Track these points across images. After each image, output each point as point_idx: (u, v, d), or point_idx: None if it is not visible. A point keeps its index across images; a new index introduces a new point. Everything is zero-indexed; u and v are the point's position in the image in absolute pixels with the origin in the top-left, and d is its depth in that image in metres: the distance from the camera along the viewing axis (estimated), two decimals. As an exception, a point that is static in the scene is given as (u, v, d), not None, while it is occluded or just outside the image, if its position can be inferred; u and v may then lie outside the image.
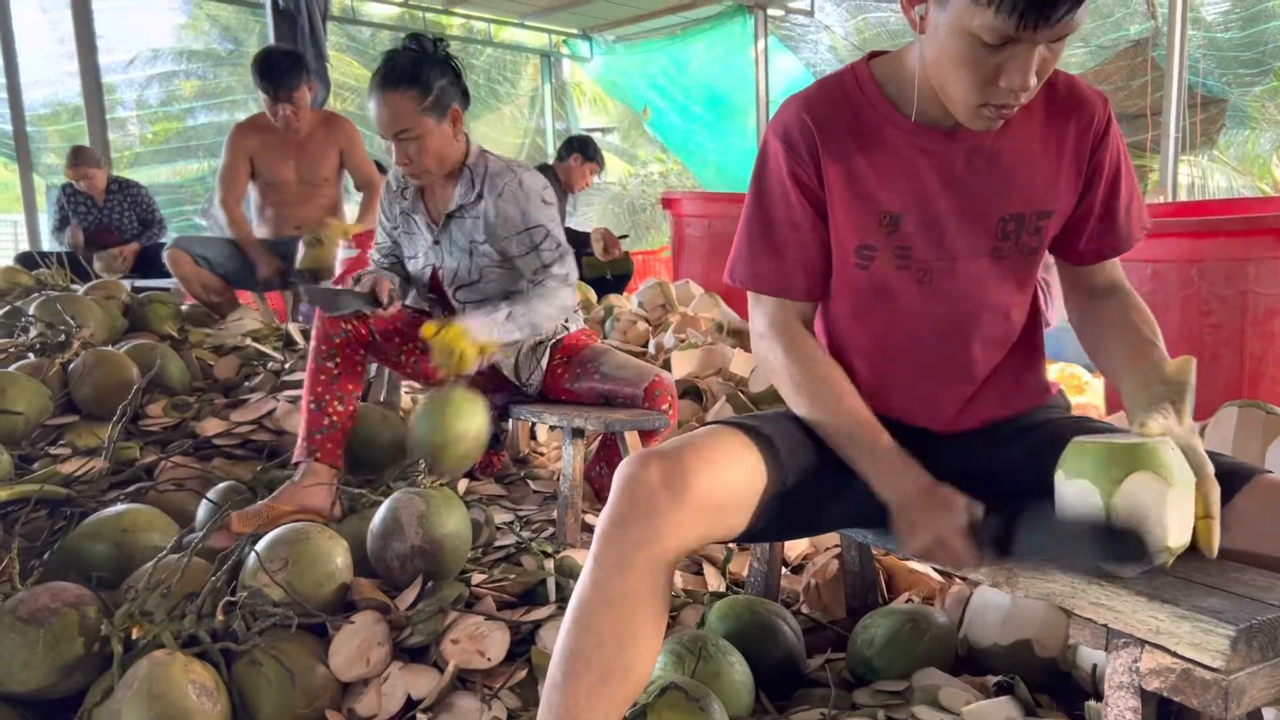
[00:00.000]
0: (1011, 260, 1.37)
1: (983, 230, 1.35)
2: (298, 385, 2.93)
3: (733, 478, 1.26)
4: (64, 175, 5.64)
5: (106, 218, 5.65)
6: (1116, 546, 1.10)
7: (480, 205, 2.36)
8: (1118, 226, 1.41)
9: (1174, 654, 1.04)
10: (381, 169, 5.88)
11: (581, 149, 5.46)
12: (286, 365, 3.17)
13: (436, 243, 2.42)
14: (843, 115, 1.35)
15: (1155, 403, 1.20)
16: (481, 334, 2.18)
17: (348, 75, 10.61)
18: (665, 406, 2.32)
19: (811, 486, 1.34)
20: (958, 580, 1.92)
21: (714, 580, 2.00)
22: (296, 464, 2.22)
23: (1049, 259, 1.53)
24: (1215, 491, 1.14)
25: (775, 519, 1.32)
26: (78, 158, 5.58)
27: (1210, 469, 1.15)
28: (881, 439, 1.31)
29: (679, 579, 1.98)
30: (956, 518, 1.21)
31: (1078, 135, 1.36)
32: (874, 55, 1.40)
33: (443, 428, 2.11)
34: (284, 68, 3.87)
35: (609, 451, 2.58)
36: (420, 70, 2.23)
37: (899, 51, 1.36)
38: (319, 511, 2.09)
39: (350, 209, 4.42)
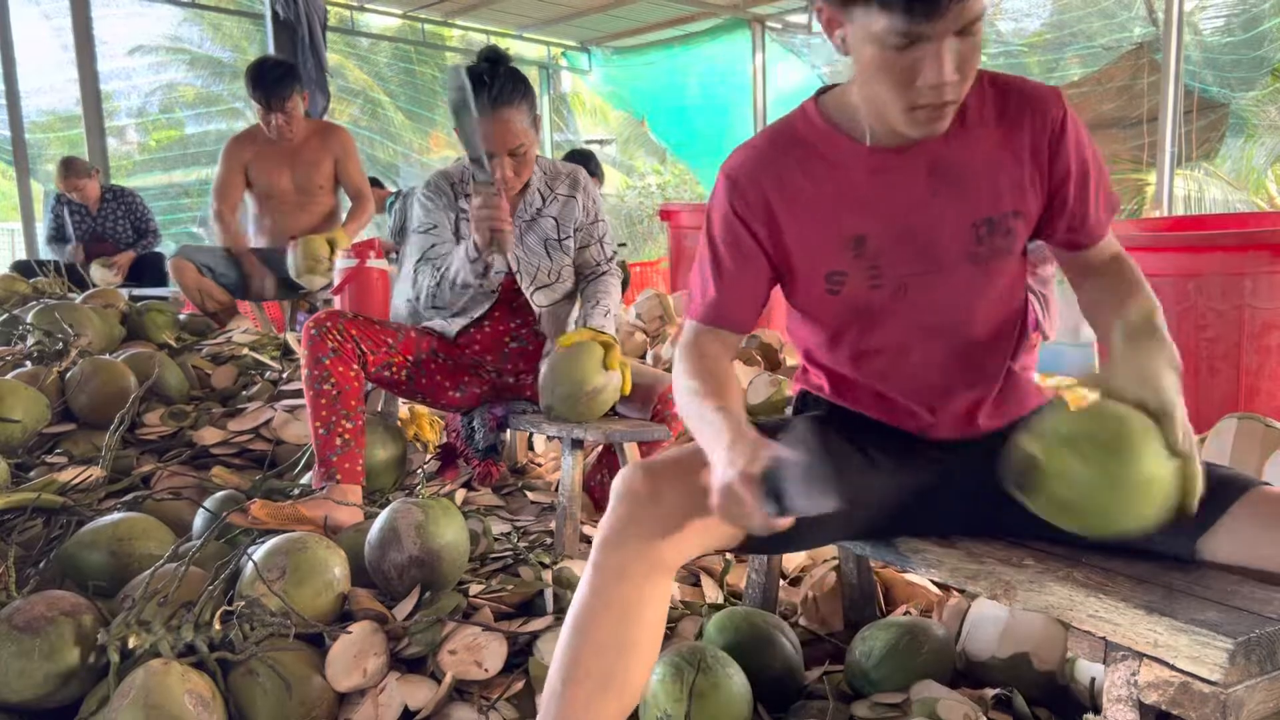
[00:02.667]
0: (988, 264, 1.37)
1: (957, 238, 1.35)
2: (295, 394, 2.93)
3: None
4: (55, 186, 5.65)
5: (101, 226, 5.66)
6: (812, 485, 1.06)
7: (555, 203, 2.45)
8: (1088, 221, 1.40)
9: (1172, 667, 1.04)
10: (377, 184, 5.90)
11: (584, 164, 5.48)
12: (284, 374, 3.17)
13: None
14: (792, 154, 1.38)
15: (1122, 349, 1.19)
16: (610, 331, 2.37)
17: (354, 81, 10.67)
18: (676, 410, 2.34)
19: None
20: (956, 593, 1.91)
21: (712, 592, 2.00)
22: (320, 488, 2.19)
23: (1048, 271, 1.53)
24: (1188, 440, 1.09)
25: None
26: (68, 169, 5.58)
27: (1176, 414, 1.10)
28: (712, 410, 1.25)
29: (677, 590, 1.98)
30: (744, 465, 1.10)
31: (1034, 134, 1.35)
32: (822, 92, 1.42)
33: (578, 378, 2.19)
34: (276, 77, 3.89)
35: (610, 459, 2.58)
36: (524, 85, 2.28)
37: (844, 85, 1.39)
38: (342, 527, 2.07)
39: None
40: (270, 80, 3.89)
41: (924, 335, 1.40)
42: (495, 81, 2.21)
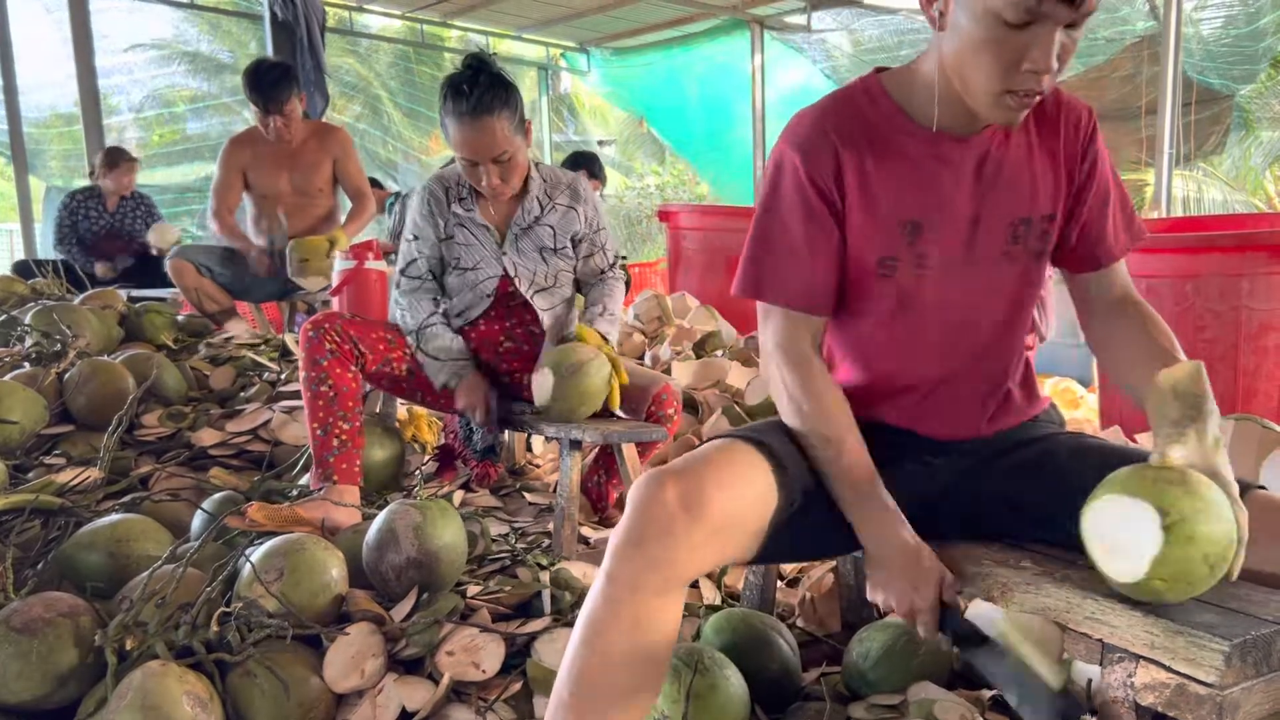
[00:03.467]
0: (1021, 264, 1.39)
1: (996, 234, 1.36)
2: (293, 395, 2.93)
3: (747, 500, 1.25)
4: (98, 177, 5.61)
5: (117, 224, 5.64)
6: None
7: (553, 213, 2.47)
8: (1108, 234, 1.41)
9: (1169, 669, 1.04)
10: (377, 184, 5.91)
11: (587, 165, 5.50)
12: (282, 376, 3.17)
13: (504, 252, 2.43)
14: (857, 125, 1.36)
15: (1173, 425, 1.16)
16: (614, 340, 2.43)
17: (355, 80, 10.69)
18: (671, 410, 2.37)
19: (817, 511, 1.33)
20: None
21: (710, 593, 2.00)
22: (317, 489, 2.20)
23: (1047, 273, 1.53)
24: (1243, 516, 1.10)
25: (782, 542, 1.31)
26: (120, 155, 5.60)
27: (1236, 491, 1.12)
28: (874, 487, 1.31)
29: (674, 592, 1.97)
30: (929, 593, 1.24)
31: (1067, 141, 1.38)
32: (880, 70, 1.41)
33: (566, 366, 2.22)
34: (272, 80, 3.89)
35: (607, 460, 2.58)
36: (506, 92, 2.26)
37: (908, 65, 1.38)
38: (339, 528, 2.06)
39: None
40: (267, 83, 3.88)
41: (947, 328, 1.39)
42: (475, 90, 2.21)
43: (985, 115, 1.26)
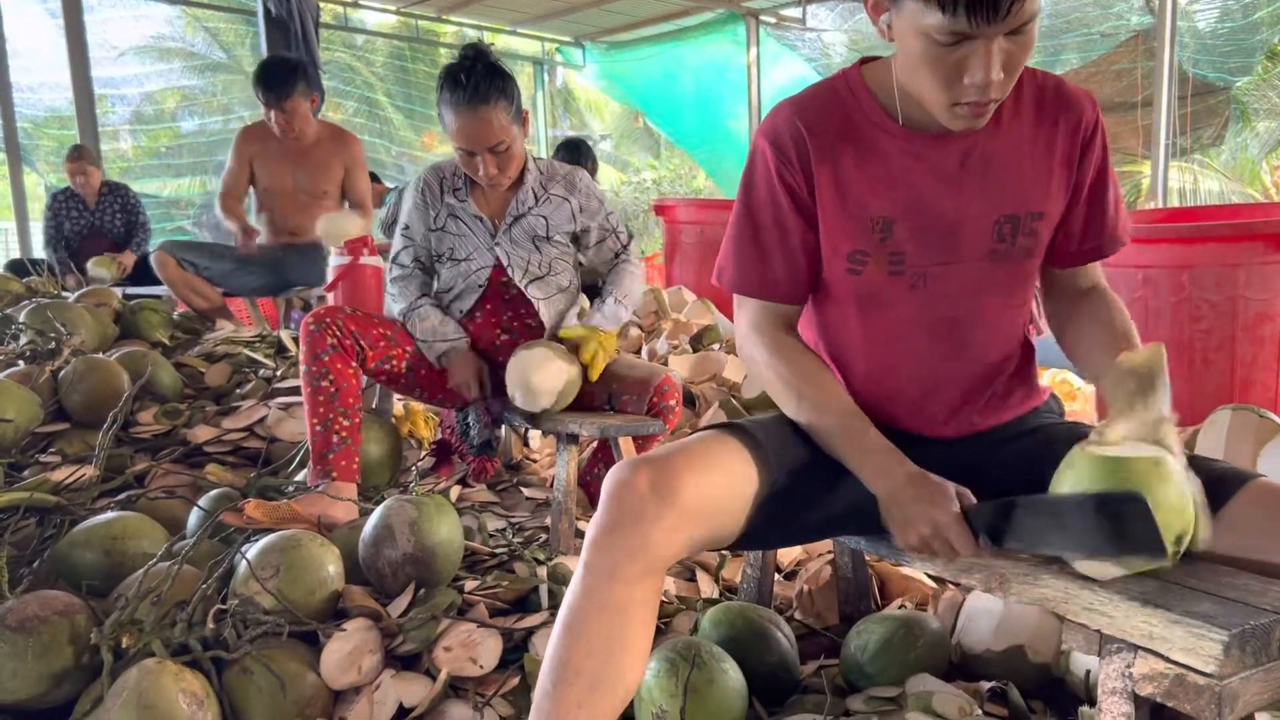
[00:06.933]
0: (1008, 263, 1.37)
1: (979, 233, 1.35)
2: (289, 392, 2.93)
3: (723, 483, 1.25)
4: (62, 170, 5.67)
5: (98, 220, 5.67)
6: (1121, 524, 1.06)
7: (548, 204, 2.46)
8: (1105, 230, 1.41)
9: (1167, 659, 1.04)
10: (375, 178, 5.91)
11: (575, 151, 5.50)
12: (278, 372, 3.16)
13: (497, 242, 2.43)
14: (834, 120, 1.35)
15: (1125, 401, 1.20)
16: (613, 328, 2.43)
17: (350, 78, 10.69)
18: (673, 401, 2.37)
19: (802, 491, 1.33)
20: (951, 586, 1.91)
21: (707, 587, 2.00)
22: (315, 485, 2.19)
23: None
24: (1196, 487, 1.12)
25: (767, 525, 1.32)
26: (80, 154, 5.64)
27: (1183, 460, 1.14)
28: (869, 433, 1.32)
29: (672, 585, 1.98)
30: (949, 505, 1.21)
31: (1067, 136, 1.35)
32: (865, 61, 1.40)
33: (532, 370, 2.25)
34: (278, 75, 3.92)
35: (605, 453, 2.58)
36: (504, 82, 2.26)
37: (889, 59, 1.36)
38: (336, 524, 2.06)
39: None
40: (270, 76, 3.93)
41: (932, 328, 1.39)
42: (472, 79, 2.21)
43: (944, 123, 1.26)
